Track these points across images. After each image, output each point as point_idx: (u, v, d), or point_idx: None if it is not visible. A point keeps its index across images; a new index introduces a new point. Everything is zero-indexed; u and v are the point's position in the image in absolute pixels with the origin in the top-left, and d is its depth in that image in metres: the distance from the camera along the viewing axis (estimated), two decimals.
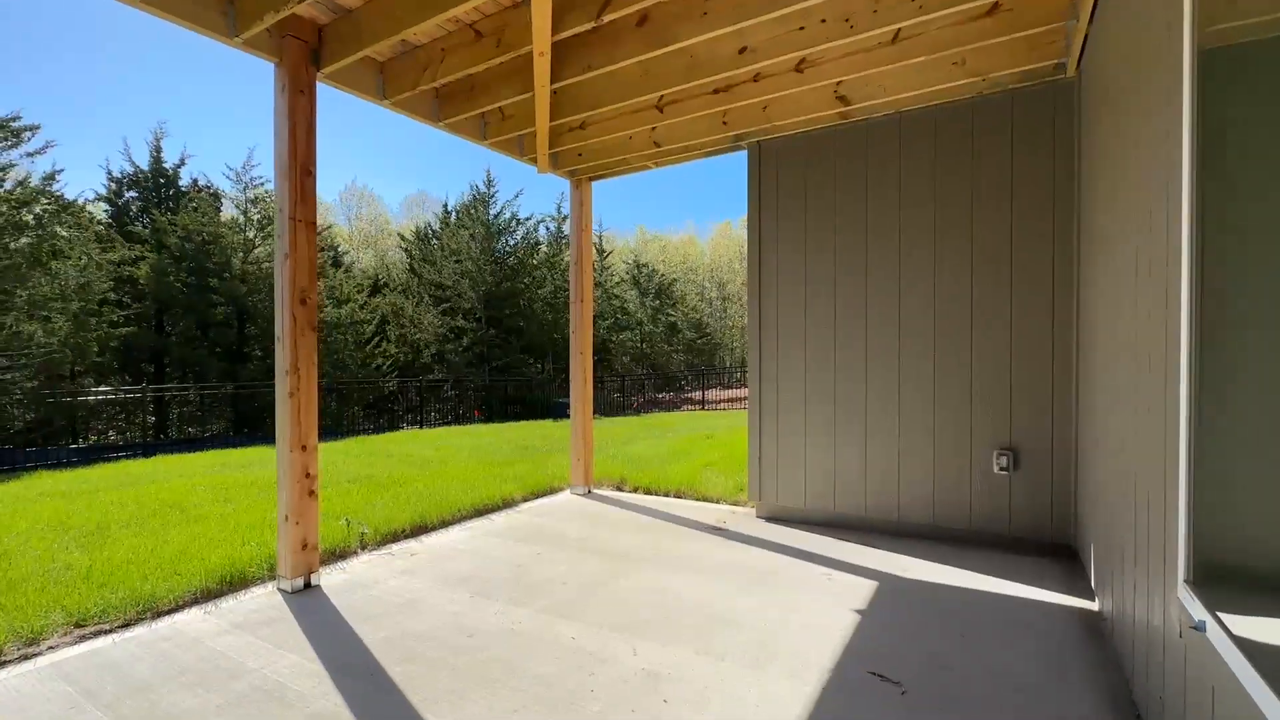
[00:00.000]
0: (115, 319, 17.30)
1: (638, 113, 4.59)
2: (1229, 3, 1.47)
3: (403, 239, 28.69)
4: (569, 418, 5.93)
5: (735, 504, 5.36)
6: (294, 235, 3.47)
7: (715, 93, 4.26)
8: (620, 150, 5.12)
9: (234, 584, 3.53)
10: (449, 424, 17.63)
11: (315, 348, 3.58)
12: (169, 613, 3.21)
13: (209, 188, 21.30)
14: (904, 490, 4.26)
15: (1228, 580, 1.45)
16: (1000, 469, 3.91)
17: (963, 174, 4.07)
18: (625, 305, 29.41)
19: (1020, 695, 2.27)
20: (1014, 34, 3.35)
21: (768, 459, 4.84)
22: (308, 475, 3.52)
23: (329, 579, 3.64)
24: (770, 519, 4.81)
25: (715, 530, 4.54)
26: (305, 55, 3.51)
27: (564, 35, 3.43)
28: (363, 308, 22.10)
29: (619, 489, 6.08)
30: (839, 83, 4.05)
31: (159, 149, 20.76)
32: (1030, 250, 3.87)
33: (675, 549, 4.08)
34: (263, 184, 20.62)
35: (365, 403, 20.00)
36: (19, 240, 14.76)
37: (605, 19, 3.28)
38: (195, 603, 3.32)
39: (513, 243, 24.76)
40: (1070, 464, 3.75)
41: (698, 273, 47.83)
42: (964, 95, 3.99)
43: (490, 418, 19.39)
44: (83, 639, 2.91)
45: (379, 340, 22.38)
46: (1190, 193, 1.51)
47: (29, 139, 16.17)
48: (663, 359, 30.02)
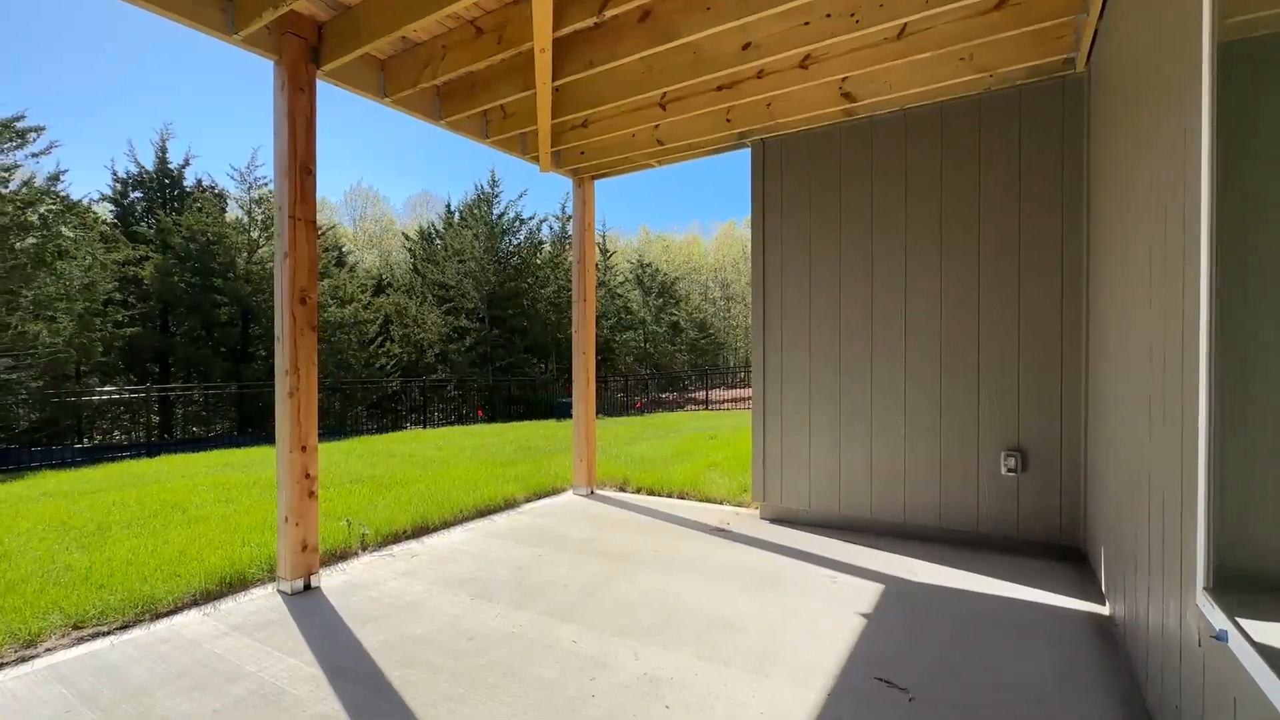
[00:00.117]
0: (120, 319, 17.34)
1: (640, 110, 4.55)
2: None
3: (406, 238, 28.71)
4: (572, 418, 5.89)
5: (739, 505, 5.31)
6: (294, 234, 3.44)
7: (719, 90, 4.21)
8: (623, 148, 5.08)
9: (233, 585, 3.50)
10: (452, 424, 17.62)
11: (315, 347, 3.55)
12: (168, 614, 3.18)
13: (213, 188, 21.36)
14: (910, 491, 4.21)
15: (1249, 587, 1.40)
16: (1008, 470, 3.85)
17: (969, 171, 4.01)
18: (629, 305, 29.34)
19: (1031, 703, 2.22)
20: (1022, 29, 3.30)
21: (771, 459, 4.79)
22: (308, 476, 3.49)
23: (329, 580, 3.61)
24: (774, 520, 4.76)
25: (718, 532, 4.49)
26: (305, 52, 3.48)
27: (565, 31, 3.39)
28: (366, 307, 22.12)
29: (622, 489, 6.04)
30: (844, 79, 4.00)
31: (164, 149, 20.81)
32: (1039, 248, 3.81)
33: (678, 551, 4.04)
34: (267, 184, 20.63)
35: (369, 403, 20.03)
36: (24, 240, 14.81)
37: (607, 14, 3.25)
38: (194, 604, 3.30)
39: (516, 242, 24.73)
40: (1080, 466, 3.69)
41: (701, 272, 47.75)
42: (971, 92, 3.94)
43: (493, 418, 19.38)
44: (80, 641, 2.89)
45: (383, 340, 22.41)
46: (1210, 188, 1.46)
47: (34, 140, 16.24)
48: (666, 359, 29.95)
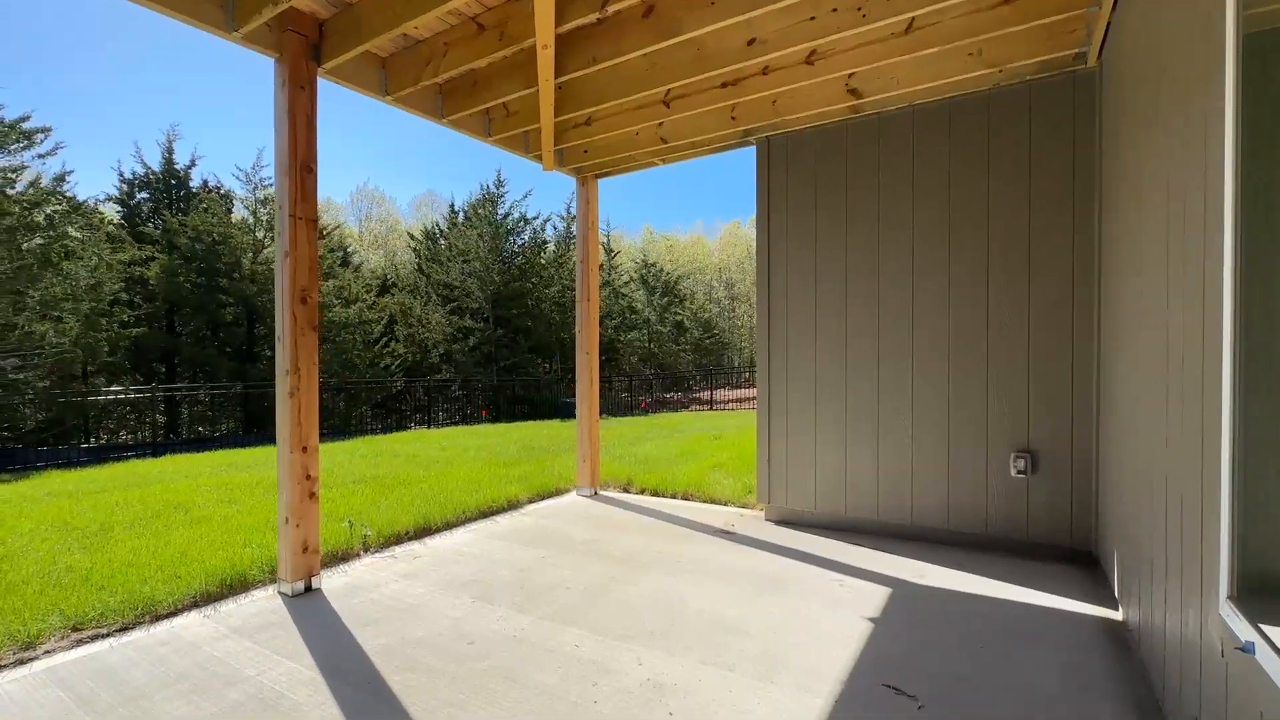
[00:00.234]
0: (126, 319, 17.42)
1: (644, 108, 4.51)
2: None
3: (412, 238, 28.74)
4: (576, 418, 5.85)
5: (744, 506, 5.26)
6: (294, 233, 3.41)
7: (723, 86, 4.16)
8: (626, 146, 5.04)
9: (234, 587, 3.47)
10: (456, 424, 17.62)
11: (316, 347, 3.52)
12: (168, 616, 3.16)
13: (219, 188, 21.43)
14: (918, 493, 4.15)
15: (1277, 596, 1.34)
16: (1018, 472, 3.79)
17: (978, 168, 3.95)
18: (633, 304, 29.29)
19: (1043, 711, 2.17)
20: (1032, 22, 3.24)
21: (777, 460, 4.74)
22: (308, 477, 3.46)
23: (330, 582, 3.58)
24: (779, 522, 4.71)
25: (723, 533, 4.45)
26: (305, 50, 3.45)
27: (568, 27, 3.35)
28: (371, 307, 22.15)
29: (626, 490, 6.00)
30: (851, 75, 3.95)
31: (170, 150, 20.89)
32: (1049, 245, 3.75)
33: (682, 553, 3.99)
34: (272, 184, 20.65)
35: (373, 402, 20.06)
36: (31, 241, 14.88)
37: (610, 10, 3.21)
38: (195, 606, 3.27)
39: (521, 242, 24.72)
40: (1091, 467, 3.62)
41: (706, 272, 47.67)
42: (980, 87, 3.87)
43: (498, 417, 19.38)
44: (80, 643, 2.87)
45: (387, 340, 22.44)
46: (1233, 181, 1.41)
47: (41, 141, 16.32)
48: (670, 359, 29.90)
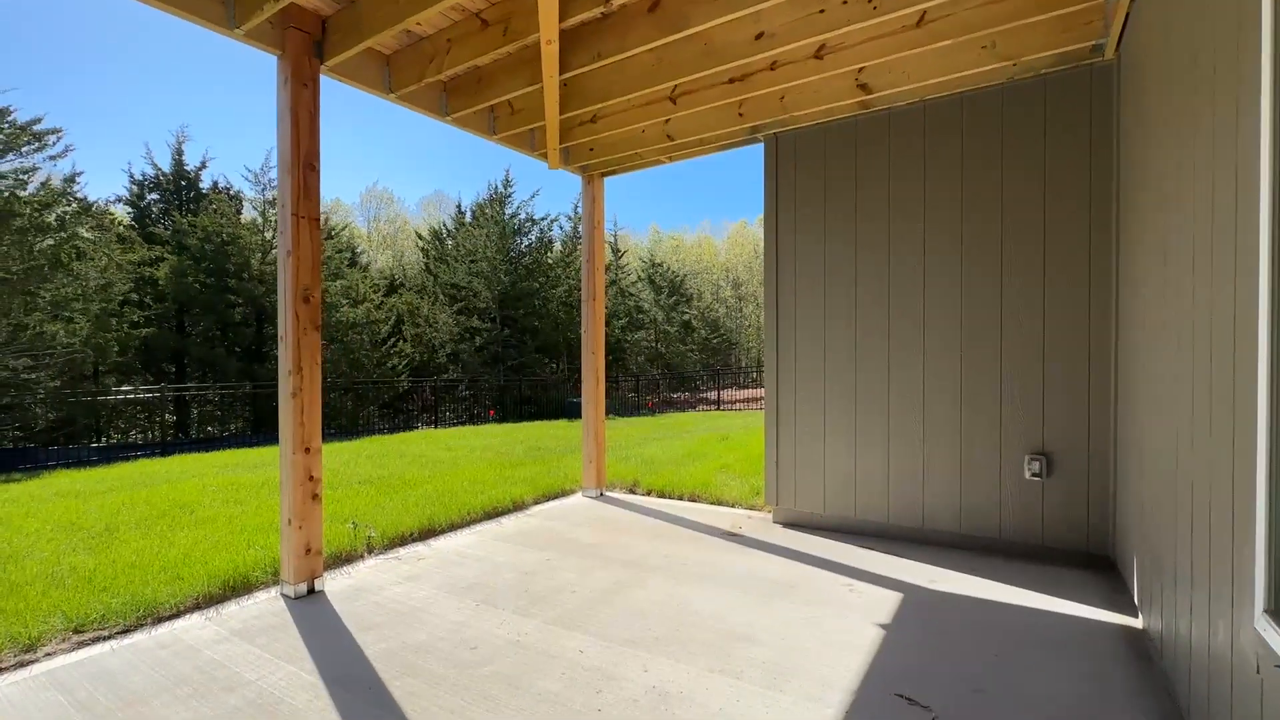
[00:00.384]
0: (136, 319, 17.53)
1: (650, 104, 4.45)
2: None
3: (420, 238, 28.80)
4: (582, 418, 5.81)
5: (751, 508, 5.19)
6: (296, 232, 3.37)
7: (730, 82, 4.10)
8: (633, 144, 4.98)
9: (237, 589, 3.45)
10: (463, 424, 17.63)
11: (319, 347, 3.49)
12: (170, 618, 3.14)
13: (228, 189, 21.56)
14: (929, 496, 4.07)
15: None
16: (1032, 474, 3.70)
17: (992, 164, 3.86)
18: (640, 304, 29.22)
19: None
20: (1048, 14, 3.16)
21: (785, 461, 4.67)
22: (311, 478, 3.43)
23: (333, 584, 3.55)
24: (788, 524, 4.64)
25: (731, 536, 4.38)
26: (308, 47, 3.42)
27: (572, 22, 3.30)
28: (379, 307, 22.20)
29: (632, 491, 5.94)
30: (860, 69, 3.87)
31: (180, 152, 21.03)
32: (1065, 242, 3.66)
33: (689, 556, 3.93)
34: None
35: (380, 402, 20.11)
36: (43, 242, 15.00)
37: (615, 3, 3.16)
38: (197, 608, 3.25)
39: (528, 242, 24.71)
40: (1109, 469, 3.53)
41: (712, 272, 47.53)
42: (993, 81, 3.79)
43: (504, 417, 19.38)
44: (81, 645, 2.85)
45: (395, 340, 22.49)
46: (1271, 173, 1.33)
47: (54, 143, 16.47)
48: (678, 359, 29.80)
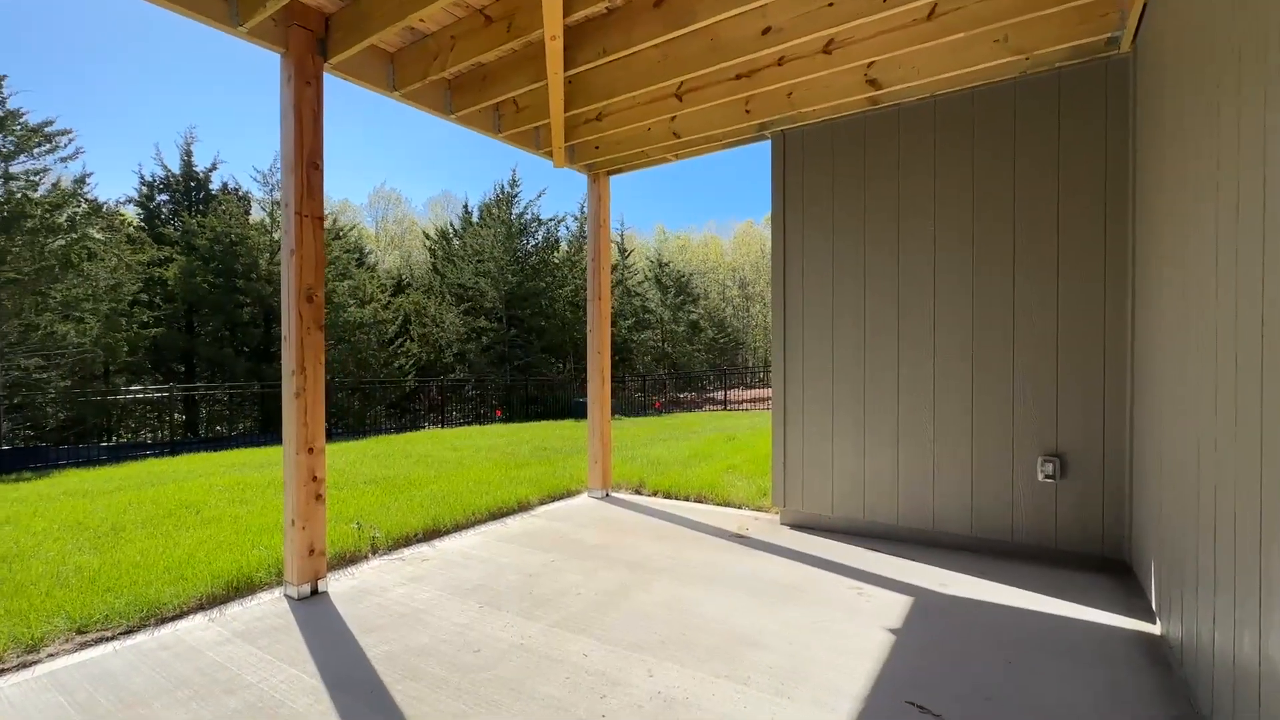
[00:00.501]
0: (146, 319, 17.67)
1: (656, 101, 4.40)
2: None
3: (427, 238, 28.89)
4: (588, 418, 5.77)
5: (758, 510, 5.14)
6: (300, 230, 3.35)
7: (737, 78, 4.04)
8: (638, 142, 4.94)
9: (240, 590, 3.43)
10: (470, 423, 17.65)
11: (323, 347, 3.46)
12: (173, 619, 3.12)
13: (237, 190, 21.70)
14: (939, 497, 4.00)
15: None
16: (1045, 476, 3.63)
17: (1004, 160, 3.79)
18: (647, 304, 29.18)
19: None
20: (1062, 6, 3.09)
21: (793, 462, 4.61)
22: (315, 479, 3.41)
23: (337, 585, 3.53)
24: (795, 526, 4.58)
25: (738, 538, 4.33)
26: (311, 45, 3.40)
27: (577, 17, 3.26)
28: (386, 307, 22.28)
29: (638, 492, 5.90)
30: (870, 64, 3.81)
31: (189, 153, 21.19)
32: (1080, 239, 3.59)
33: (695, 558, 3.89)
34: None
35: (388, 402, 20.17)
36: (53, 242, 15.13)
37: None
38: (200, 609, 3.23)
39: (535, 242, 24.73)
40: (1124, 471, 3.46)
41: (719, 271, 47.43)
42: (1005, 76, 3.72)
43: (511, 417, 19.38)
44: (84, 646, 2.83)
45: (402, 340, 22.56)
46: None
47: (65, 145, 16.62)
48: (685, 359, 29.74)
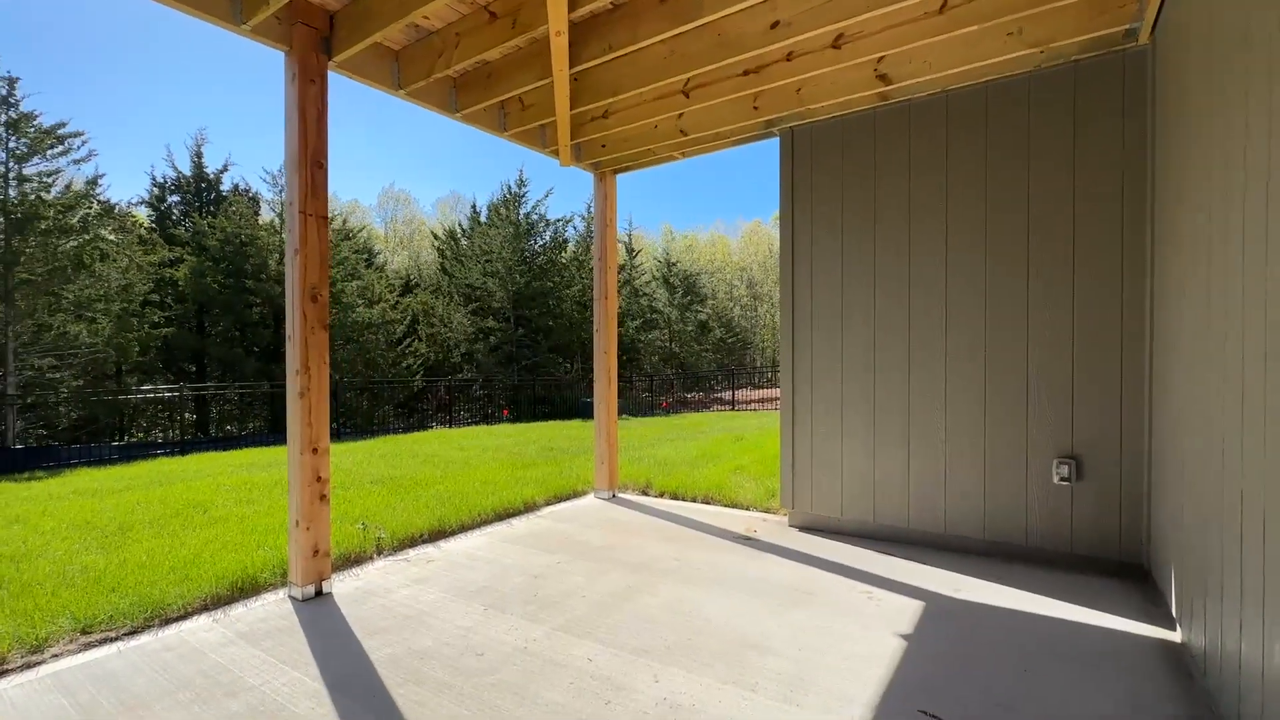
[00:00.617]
0: (157, 320, 17.81)
1: (663, 98, 4.36)
2: None
3: (435, 238, 28.97)
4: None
5: (766, 511, 5.08)
6: (304, 230, 3.33)
7: (745, 74, 3.99)
8: (645, 140, 4.89)
9: (245, 590, 3.42)
10: (477, 423, 17.68)
11: (327, 346, 3.45)
12: (178, 619, 3.11)
13: (247, 191, 21.87)
14: (951, 500, 3.93)
15: None
16: (1061, 479, 3.55)
17: (1018, 156, 3.72)
18: (654, 304, 29.12)
19: None
20: None
21: (801, 463, 4.55)
22: (319, 479, 3.39)
23: (341, 586, 3.51)
24: (804, 528, 4.52)
25: (745, 540, 4.28)
26: (315, 43, 3.38)
27: (582, 13, 3.22)
28: (394, 307, 22.36)
29: (644, 493, 5.85)
30: (880, 59, 3.75)
31: (200, 155, 21.37)
32: (1096, 237, 3.51)
33: (702, 560, 3.84)
34: None
35: (396, 402, 20.24)
36: (66, 244, 15.29)
37: None
38: (205, 609, 3.22)
39: (542, 242, 24.73)
40: (1143, 473, 3.38)
41: (726, 271, 47.30)
42: (1019, 70, 3.64)
43: (518, 417, 19.39)
44: (88, 647, 2.83)
45: (410, 340, 22.64)
46: None
47: (79, 148, 16.80)
48: (692, 359, 29.65)
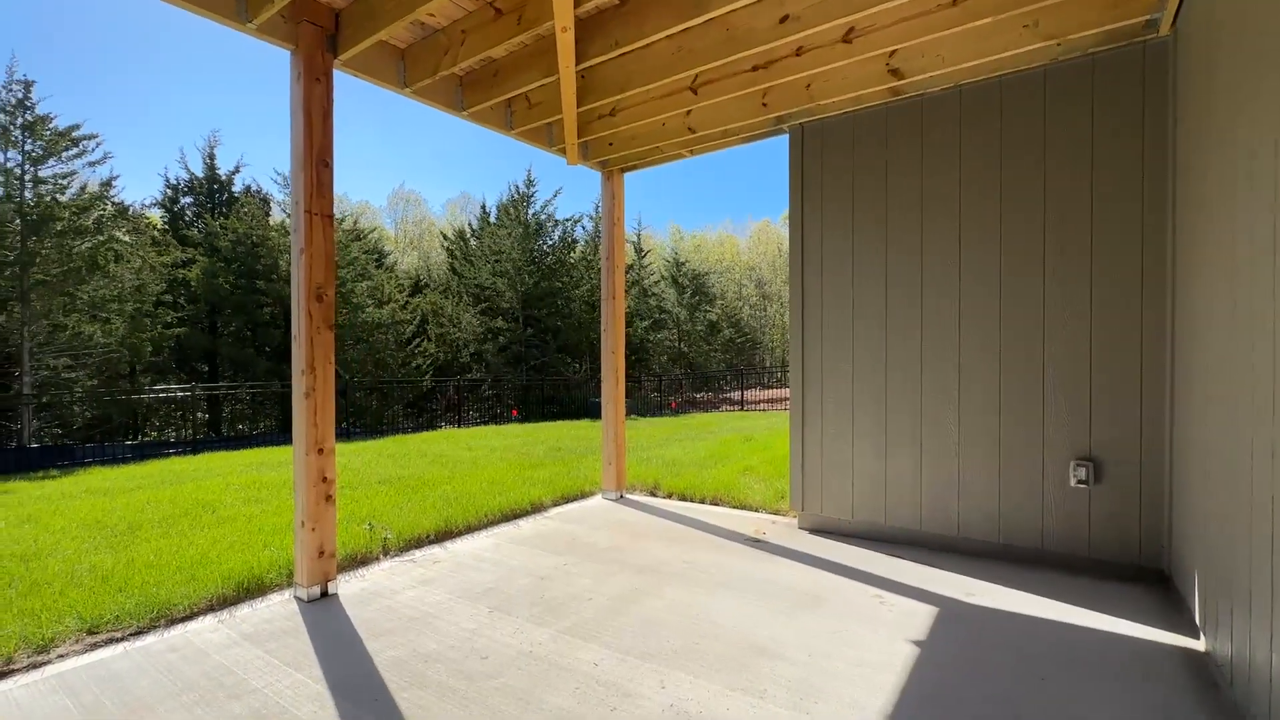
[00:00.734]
0: (169, 320, 17.98)
1: (670, 95, 4.31)
2: None
3: (445, 238, 29.07)
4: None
5: (775, 513, 5.02)
6: (309, 229, 3.32)
7: (754, 70, 3.93)
8: (653, 137, 4.84)
9: (250, 591, 3.41)
10: (486, 423, 17.70)
11: (333, 346, 3.43)
12: (183, 620, 3.10)
13: (259, 192, 22.04)
14: (965, 503, 3.86)
15: None
16: (1078, 481, 3.47)
17: (1033, 152, 3.64)
18: (663, 304, 29.07)
19: None
20: None
21: (811, 465, 4.49)
22: (325, 479, 3.37)
23: (347, 587, 3.49)
24: (813, 531, 4.46)
25: (754, 542, 4.22)
26: (321, 41, 3.36)
27: (588, 8, 3.19)
28: (404, 308, 22.45)
29: (652, 494, 5.81)
30: (892, 53, 3.68)
31: (212, 156, 21.57)
32: (1114, 234, 3.42)
33: (710, 563, 3.79)
34: None
35: (405, 401, 20.32)
36: (80, 245, 15.47)
37: None
38: (210, 610, 3.21)
39: (550, 243, 24.74)
40: (1163, 476, 3.29)
41: (735, 270, 47.16)
42: (1035, 63, 3.56)
43: (527, 417, 19.40)
44: (93, 647, 2.82)
45: (419, 340, 22.71)
46: None
47: (93, 150, 16.98)
48: (701, 358, 29.56)
